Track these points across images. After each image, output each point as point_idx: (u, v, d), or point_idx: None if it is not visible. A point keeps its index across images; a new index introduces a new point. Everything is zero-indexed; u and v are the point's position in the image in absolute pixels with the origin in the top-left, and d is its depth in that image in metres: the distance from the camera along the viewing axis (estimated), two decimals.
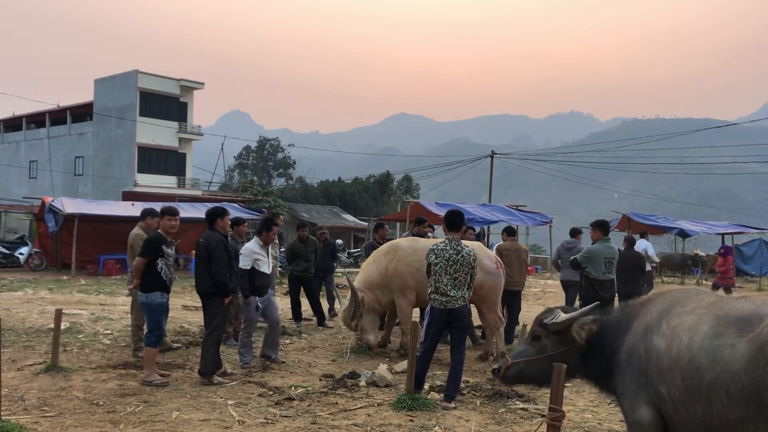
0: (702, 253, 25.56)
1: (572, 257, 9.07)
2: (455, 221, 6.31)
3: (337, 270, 17.02)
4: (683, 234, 27.36)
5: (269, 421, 5.41)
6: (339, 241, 30.15)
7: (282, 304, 13.22)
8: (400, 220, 28.35)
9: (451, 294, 6.05)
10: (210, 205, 10.44)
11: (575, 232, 11.30)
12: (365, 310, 8.36)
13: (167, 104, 42.76)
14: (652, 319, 3.35)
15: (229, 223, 7.43)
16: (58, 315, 6.97)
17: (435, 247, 6.22)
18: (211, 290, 6.71)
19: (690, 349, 3.05)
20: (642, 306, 3.55)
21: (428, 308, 6.29)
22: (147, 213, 8.15)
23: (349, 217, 45.67)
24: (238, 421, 5.38)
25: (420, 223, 10.81)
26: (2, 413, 5.08)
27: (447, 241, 6.22)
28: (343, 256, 28.65)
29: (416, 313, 8.85)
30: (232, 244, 7.97)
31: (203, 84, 44.90)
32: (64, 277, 18.24)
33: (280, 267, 20.71)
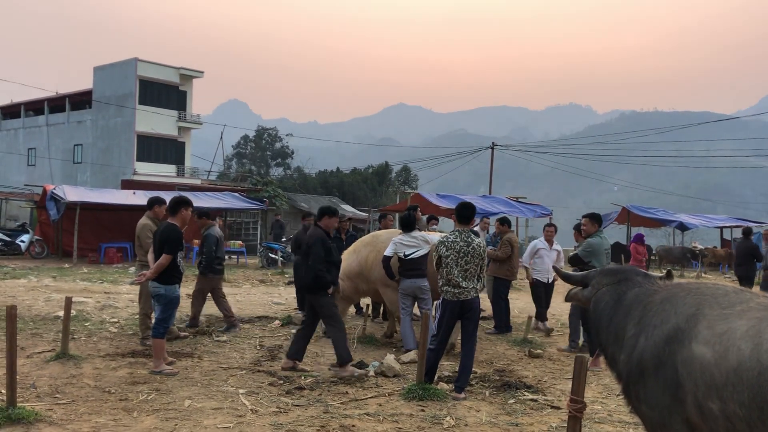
0: (701, 246, 25.64)
1: (573, 253, 9.06)
2: (466, 214, 6.33)
3: None
4: (682, 227, 27.41)
5: (282, 410, 5.45)
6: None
7: (286, 293, 13.27)
8: (398, 211, 28.35)
9: (463, 285, 6.07)
10: (210, 194, 10.41)
11: None
12: (338, 299, 8.43)
13: (167, 93, 42.64)
14: (683, 321, 2.97)
15: (337, 223, 7.72)
16: (68, 303, 6.98)
17: (445, 239, 6.24)
18: (312, 285, 6.90)
19: (758, 359, 2.65)
20: (661, 300, 3.16)
21: (440, 300, 6.32)
22: (155, 201, 8.03)
23: (348, 208, 45.53)
24: (251, 410, 5.41)
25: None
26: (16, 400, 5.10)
27: (457, 233, 6.24)
28: None
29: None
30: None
31: (203, 73, 44.76)
32: (66, 265, 18.23)
33: (281, 257, 20.80)
